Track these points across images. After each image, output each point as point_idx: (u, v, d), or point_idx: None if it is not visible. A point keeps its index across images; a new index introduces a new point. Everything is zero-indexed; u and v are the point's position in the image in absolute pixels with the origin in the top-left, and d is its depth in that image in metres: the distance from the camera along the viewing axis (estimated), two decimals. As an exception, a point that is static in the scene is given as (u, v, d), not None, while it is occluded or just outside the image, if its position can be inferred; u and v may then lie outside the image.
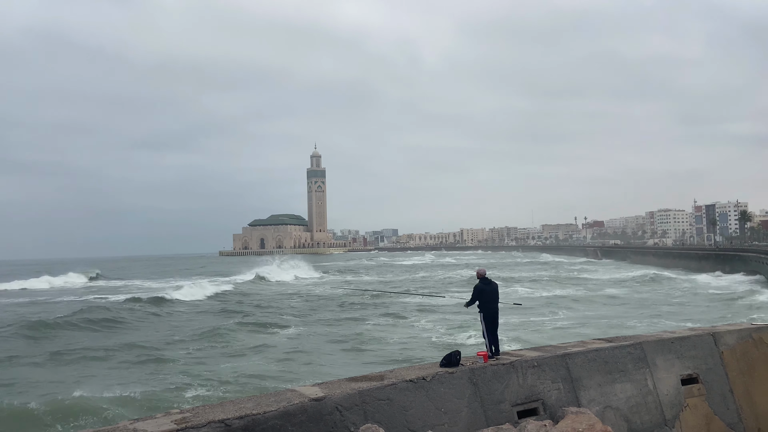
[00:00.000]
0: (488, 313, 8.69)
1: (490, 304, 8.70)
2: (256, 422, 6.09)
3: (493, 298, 8.72)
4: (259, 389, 16.57)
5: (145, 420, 6.18)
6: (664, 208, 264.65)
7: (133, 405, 15.61)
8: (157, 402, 15.72)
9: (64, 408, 15.24)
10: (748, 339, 10.32)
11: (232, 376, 18.74)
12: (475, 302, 8.71)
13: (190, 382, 18.08)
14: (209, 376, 18.91)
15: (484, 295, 8.66)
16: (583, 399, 8.38)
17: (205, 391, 17.04)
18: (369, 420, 6.79)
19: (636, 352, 9.23)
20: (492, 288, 8.76)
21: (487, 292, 8.67)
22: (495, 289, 8.80)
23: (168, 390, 17.18)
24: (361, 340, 26.30)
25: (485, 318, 8.69)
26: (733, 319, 27.63)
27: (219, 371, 19.70)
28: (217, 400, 14.61)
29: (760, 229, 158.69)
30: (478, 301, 8.69)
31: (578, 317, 32.54)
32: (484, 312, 8.69)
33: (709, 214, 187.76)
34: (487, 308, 8.68)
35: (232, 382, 17.98)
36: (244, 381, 18.25)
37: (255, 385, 17.70)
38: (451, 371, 7.73)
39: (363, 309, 38.35)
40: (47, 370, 20.93)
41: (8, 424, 14.58)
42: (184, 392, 16.89)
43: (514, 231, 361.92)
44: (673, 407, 9.13)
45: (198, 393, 16.81)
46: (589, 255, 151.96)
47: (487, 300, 8.67)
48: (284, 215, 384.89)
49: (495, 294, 8.76)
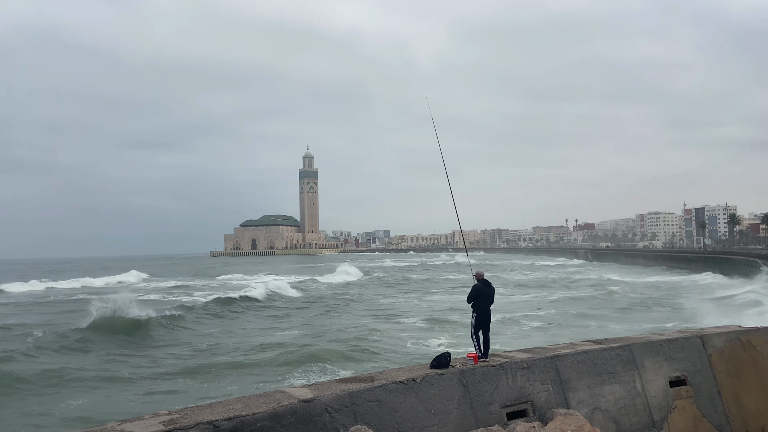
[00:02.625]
0: (482, 314, 8.82)
1: (485, 305, 8.86)
2: (244, 423, 6.06)
3: (489, 300, 8.90)
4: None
5: (133, 421, 6.13)
6: (654, 211, 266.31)
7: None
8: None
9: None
10: (736, 341, 10.39)
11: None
12: (473, 300, 8.85)
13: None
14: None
15: (481, 296, 8.81)
16: (572, 400, 8.41)
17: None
18: (359, 421, 6.77)
19: (625, 353, 9.28)
20: (490, 291, 8.93)
21: (484, 293, 8.83)
22: (492, 292, 8.99)
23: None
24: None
25: (478, 319, 8.79)
26: (722, 321, 27.86)
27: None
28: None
29: (748, 232, 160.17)
30: (474, 301, 8.82)
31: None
32: (478, 312, 8.80)
33: (699, 217, 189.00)
34: (482, 310, 8.83)
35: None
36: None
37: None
38: (441, 373, 7.73)
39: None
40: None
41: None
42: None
43: (506, 233, 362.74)
44: (662, 409, 9.17)
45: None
46: (579, 257, 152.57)
47: (484, 302, 8.84)
48: (276, 216, 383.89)
49: (491, 296, 8.95)
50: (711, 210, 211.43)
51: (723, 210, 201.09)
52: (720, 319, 30.00)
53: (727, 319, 29.29)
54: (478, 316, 8.79)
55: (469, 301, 8.90)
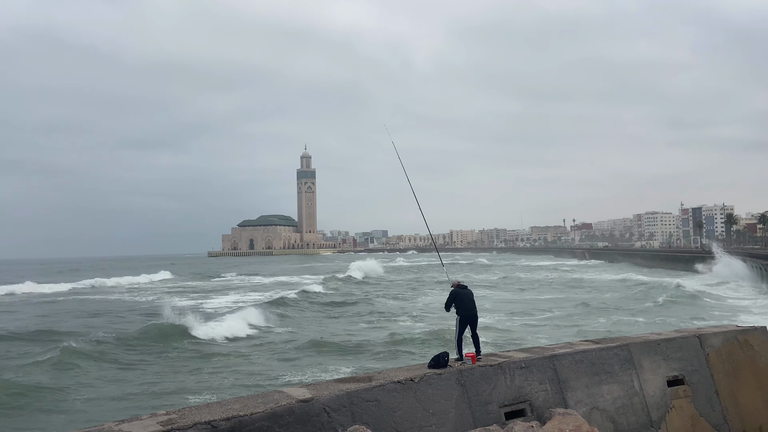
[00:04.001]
0: (466, 315, 8.86)
1: (466, 306, 8.88)
2: (242, 424, 6.05)
3: (469, 300, 8.93)
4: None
5: (131, 421, 6.12)
6: (651, 211, 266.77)
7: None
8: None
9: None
10: (734, 341, 10.41)
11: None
12: (451, 305, 8.90)
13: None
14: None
15: (459, 298, 8.86)
16: (570, 400, 8.41)
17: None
18: (357, 421, 6.77)
19: (623, 353, 9.28)
20: (466, 292, 8.97)
21: (461, 296, 8.87)
22: (470, 293, 9.03)
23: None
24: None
25: (462, 321, 8.84)
26: (719, 320, 27.95)
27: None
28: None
29: (745, 231, 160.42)
30: (454, 304, 8.87)
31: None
32: (462, 314, 8.83)
33: (696, 217, 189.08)
34: (464, 310, 8.86)
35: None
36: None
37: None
38: (439, 372, 7.73)
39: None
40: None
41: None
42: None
43: (503, 233, 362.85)
44: (659, 408, 9.18)
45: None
46: (577, 256, 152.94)
47: (463, 304, 8.87)
48: (274, 216, 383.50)
49: (470, 297, 8.98)
50: (708, 210, 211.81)
51: (720, 210, 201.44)
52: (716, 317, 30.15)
53: (723, 318, 29.42)
54: (461, 318, 8.83)
55: (447, 307, 8.96)
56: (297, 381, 17.92)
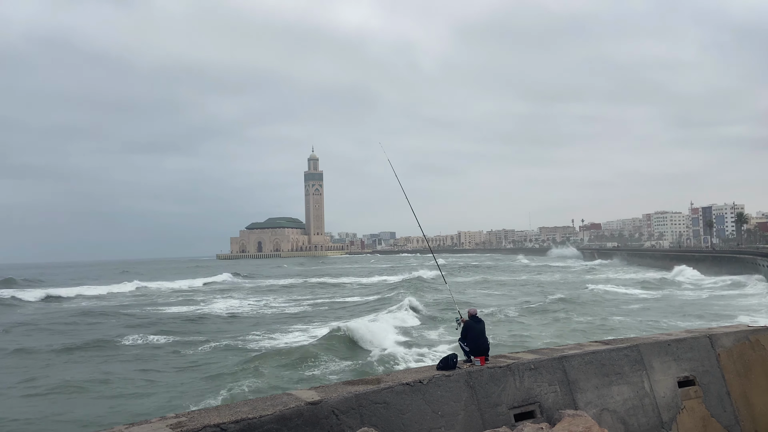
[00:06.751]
0: (476, 347, 8.53)
1: (478, 339, 8.60)
2: (252, 426, 6.06)
3: (481, 334, 8.64)
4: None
5: (141, 424, 6.14)
6: (661, 211, 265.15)
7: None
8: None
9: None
10: (745, 341, 10.31)
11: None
12: (464, 339, 8.66)
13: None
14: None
15: (471, 332, 8.60)
16: (579, 401, 8.36)
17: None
18: (365, 424, 6.76)
19: (633, 354, 9.22)
20: (480, 326, 8.71)
21: (473, 330, 8.62)
22: (482, 327, 8.77)
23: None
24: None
25: (471, 353, 8.55)
26: (730, 320, 27.72)
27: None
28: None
29: (756, 230, 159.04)
30: (466, 339, 8.63)
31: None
32: (471, 348, 8.56)
33: (706, 217, 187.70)
34: (473, 344, 8.56)
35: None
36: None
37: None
38: (448, 374, 7.71)
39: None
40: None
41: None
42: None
43: (512, 233, 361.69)
44: (670, 409, 9.11)
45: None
46: (585, 257, 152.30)
47: (475, 337, 8.60)
48: (281, 218, 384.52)
49: (482, 332, 8.69)
50: (718, 209, 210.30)
51: (730, 209, 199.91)
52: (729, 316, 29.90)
53: (736, 318, 29.17)
54: (471, 350, 8.48)
55: (461, 339, 8.71)
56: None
